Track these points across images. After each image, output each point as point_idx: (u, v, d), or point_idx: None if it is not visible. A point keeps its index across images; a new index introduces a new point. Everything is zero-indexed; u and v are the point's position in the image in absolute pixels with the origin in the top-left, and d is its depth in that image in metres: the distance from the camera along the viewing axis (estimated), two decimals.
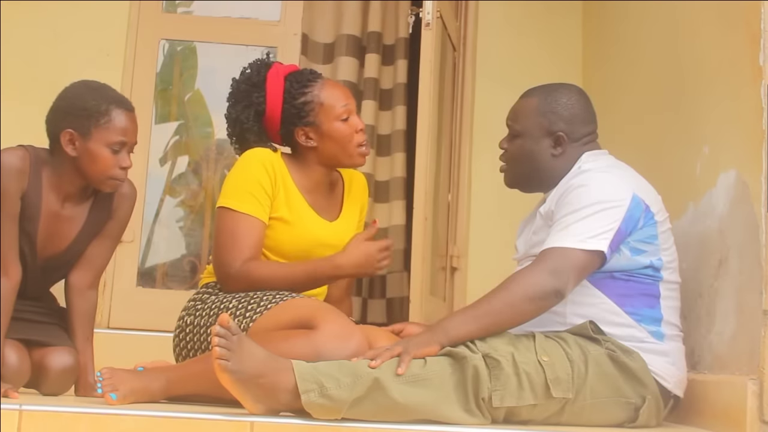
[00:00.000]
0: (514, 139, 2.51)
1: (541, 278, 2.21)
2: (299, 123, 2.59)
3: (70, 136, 2.42)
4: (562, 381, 2.16)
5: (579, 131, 2.48)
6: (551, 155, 2.47)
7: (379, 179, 4.20)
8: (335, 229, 2.64)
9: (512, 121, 2.53)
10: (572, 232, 2.25)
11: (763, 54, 2.28)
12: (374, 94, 4.20)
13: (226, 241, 2.49)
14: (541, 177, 2.49)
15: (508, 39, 4.23)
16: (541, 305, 2.22)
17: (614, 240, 2.26)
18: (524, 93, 2.55)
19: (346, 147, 2.59)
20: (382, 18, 4.30)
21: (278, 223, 2.55)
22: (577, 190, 2.32)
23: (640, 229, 2.31)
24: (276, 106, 2.59)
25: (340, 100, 2.60)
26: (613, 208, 2.27)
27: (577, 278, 2.26)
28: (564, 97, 2.49)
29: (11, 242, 2.40)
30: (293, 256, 2.57)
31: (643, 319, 2.31)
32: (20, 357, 2.42)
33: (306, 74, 2.65)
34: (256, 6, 4.42)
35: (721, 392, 2.32)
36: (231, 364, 1.99)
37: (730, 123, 2.47)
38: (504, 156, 2.55)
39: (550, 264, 2.23)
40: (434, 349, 2.14)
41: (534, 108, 2.49)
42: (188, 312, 2.53)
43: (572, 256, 2.23)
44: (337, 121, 2.58)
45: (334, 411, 2.01)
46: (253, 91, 2.61)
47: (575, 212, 2.28)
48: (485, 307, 2.21)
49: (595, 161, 2.44)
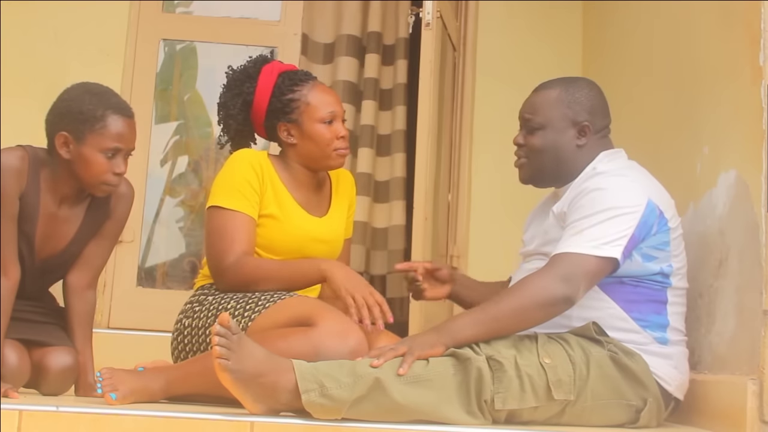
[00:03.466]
0: (534, 132, 2.45)
1: (552, 284, 2.19)
2: (283, 118, 2.62)
3: (65, 139, 2.41)
4: (563, 383, 2.15)
5: (600, 123, 2.47)
6: (576, 146, 2.43)
7: (378, 179, 4.20)
8: (324, 225, 2.66)
9: (531, 114, 2.46)
10: (586, 237, 2.23)
11: (763, 54, 2.28)
12: (374, 94, 4.20)
13: (217, 238, 2.50)
14: (563, 169, 2.44)
15: (509, 38, 4.23)
16: (550, 311, 2.20)
17: (627, 246, 2.24)
18: (540, 86, 2.51)
19: (324, 149, 2.61)
20: (382, 18, 4.29)
21: (268, 221, 2.56)
22: (591, 193, 2.29)
23: (653, 236, 2.29)
24: (264, 99, 2.63)
25: (326, 104, 2.62)
26: (627, 213, 2.25)
27: (589, 284, 2.23)
28: (585, 88, 2.48)
29: (10, 242, 2.40)
30: (285, 252, 2.58)
31: (649, 326, 2.30)
32: (20, 357, 2.42)
33: (300, 74, 2.68)
34: (256, 6, 4.42)
35: (721, 392, 2.32)
36: (231, 364, 1.99)
37: (730, 123, 2.47)
38: (522, 150, 2.49)
39: (562, 270, 2.20)
40: (439, 351, 2.13)
41: (556, 99, 2.44)
42: (186, 315, 2.53)
43: (585, 263, 2.21)
44: (319, 123, 2.60)
45: (334, 411, 2.01)
46: (246, 81, 2.65)
47: (589, 216, 2.25)
48: (493, 311, 2.19)
49: (610, 162, 2.41)
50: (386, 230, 4.15)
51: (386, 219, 4.15)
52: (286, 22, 4.26)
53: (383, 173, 4.20)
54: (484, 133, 4.07)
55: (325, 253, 2.66)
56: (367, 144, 4.13)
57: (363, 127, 4.17)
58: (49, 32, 4.08)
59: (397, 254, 4.10)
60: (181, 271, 4.45)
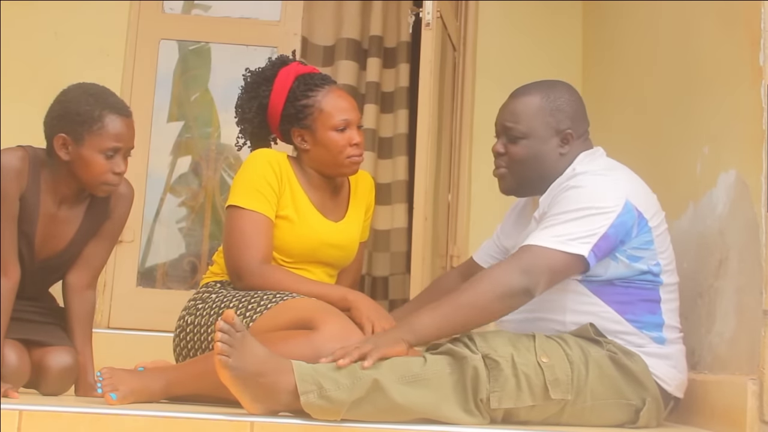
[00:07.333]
0: (517, 141, 2.40)
1: (511, 276, 2.17)
2: (296, 124, 2.62)
3: (63, 141, 2.41)
4: (561, 383, 2.15)
5: (581, 127, 2.43)
6: (559, 155, 2.39)
7: (380, 182, 4.19)
8: (340, 230, 2.65)
9: (513, 123, 2.40)
10: (554, 232, 2.21)
11: (763, 54, 2.28)
12: (376, 98, 4.20)
13: (237, 239, 2.50)
14: (545, 179, 2.39)
15: (508, 39, 4.24)
16: (509, 303, 2.18)
17: (599, 245, 2.21)
18: (518, 92, 2.45)
19: (336, 157, 2.59)
20: (383, 21, 4.28)
21: (284, 222, 2.56)
22: (568, 191, 2.27)
23: (634, 238, 2.26)
24: (278, 103, 2.62)
25: (340, 111, 2.60)
26: (601, 213, 2.21)
27: (551, 279, 2.21)
28: (566, 94, 2.43)
29: (10, 242, 2.40)
30: (299, 255, 2.58)
31: (645, 326, 2.29)
32: (20, 357, 2.42)
33: (316, 78, 2.66)
34: (256, 6, 4.42)
35: (721, 392, 2.32)
36: (232, 361, 1.99)
37: (730, 123, 2.46)
38: (503, 160, 2.44)
39: (523, 262, 2.18)
40: (403, 348, 2.12)
41: (538, 107, 2.39)
42: (189, 311, 2.53)
43: (548, 256, 2.18)
44: (332, 131, 2.59)
45: (332, 412, 2.01)
46: (263, 84, 2.65)
47: (562, 214, 2.23)
48: (453, 304, 2.17)
49: (591, 162, 2.38)
50: (388, 232, 4.14)
51: (388, 221, 4.15)
52: (286, 23, 4.26)
53: (385, 176, 4.20)
54: (484, 133, 4.04)
55: (338, 258, 2.66)
56: (369, 147, 4.13)
57: (364, 130, 4.15)
58: (49, 33, 4.09)
59: (399, 256, 4.10)
60: (181, 271, 4.45)
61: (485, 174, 4.05)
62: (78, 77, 2.58)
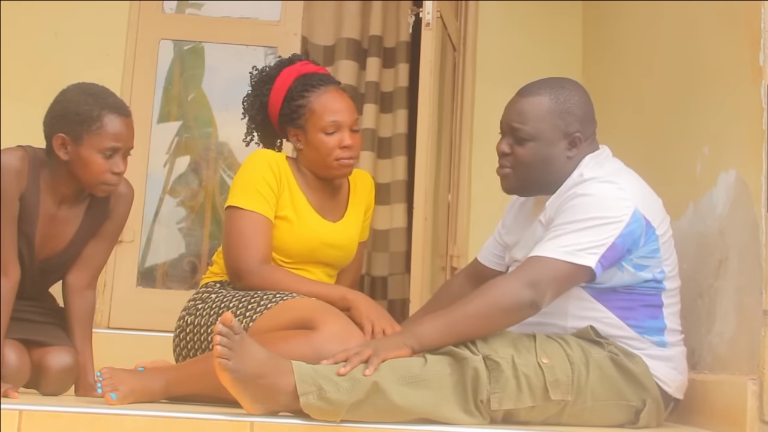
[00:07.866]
0: (523, 143, 2.33)
1: (517, 289, 2.15)
2: (291, 124, 2.64)
3: (62, 141, 2.41)
4: (561, 383, 2.15)
5: (589, 129, 2.38)
6: (566, 158, 2.34)
7: (380, 182, 4.19)
8: (339, 230, 2.66)
9: (520, 123, 2.33)
10: (561, 242, 2.18)
11: (763, 54, 2.28)
12: (375, 98, 4.20)
13: (237, 240, 2.50)
14: (551, 181, 2.34)
15: (508, 39, 4.24)
16: (515, 316, 2.17)
17: (607, 255, 2.18)
18: (525, 90, 2.38)
19: (324, 158, 2.59)
20: (383, 21, 4.28)
21: (282, 223, 2.57)
22: (576, 199, 2.23)
23: (642, 247, 2.24)
24: (277, 102, 2.65)
25: (331, 112, 2.59)
26: (610, 223, 2.18)
27: (558, 290, 2.19)
28: (576, 95, 2.36)
29: (10, 242, 2.39)
30: (298, 255, 2.59)
31: (647, 331, 2.28)
32: (20, 357, 2.42)
33: (315, 79, 2.65)
34: (256, 6, 4.42)
35: (721, 392, 2.32)
36: (231, 363, 1.99)
37: (730, 123, 2.46)
38: (507, 160, 2.38)
39: (530, 274, 2.16)
40: (405, 353, 2.11)
41: (547, 108, 2.32)
42: (189, 312, 2.53)
43: (555, 267, 2.16)
44: (321, 133, 2.59)
45: (332, 414, 2.01)
46: (266, 83, 2.68)
47: (570, 223, 2.20)
48: (458, 314, 2.16)
49: (598, 167, 2.32)
50: (387, 232, 4.14)
51: (387, 221, 4.15)
52: (285, 23, 4.26)
53: (384, 176, 4.20)
54: (484, 133, 4.06)
55: (337, 258, 2.66)
56: (368, 147, 4.13)
57: (364, 130, 4.16)
58: (49, 33, 4.09)
59: (399, 256, 4.10)
60: (181, 271, 4.45)
61: (485, 174, 4.08)
62: (78, 77, 2.58)
